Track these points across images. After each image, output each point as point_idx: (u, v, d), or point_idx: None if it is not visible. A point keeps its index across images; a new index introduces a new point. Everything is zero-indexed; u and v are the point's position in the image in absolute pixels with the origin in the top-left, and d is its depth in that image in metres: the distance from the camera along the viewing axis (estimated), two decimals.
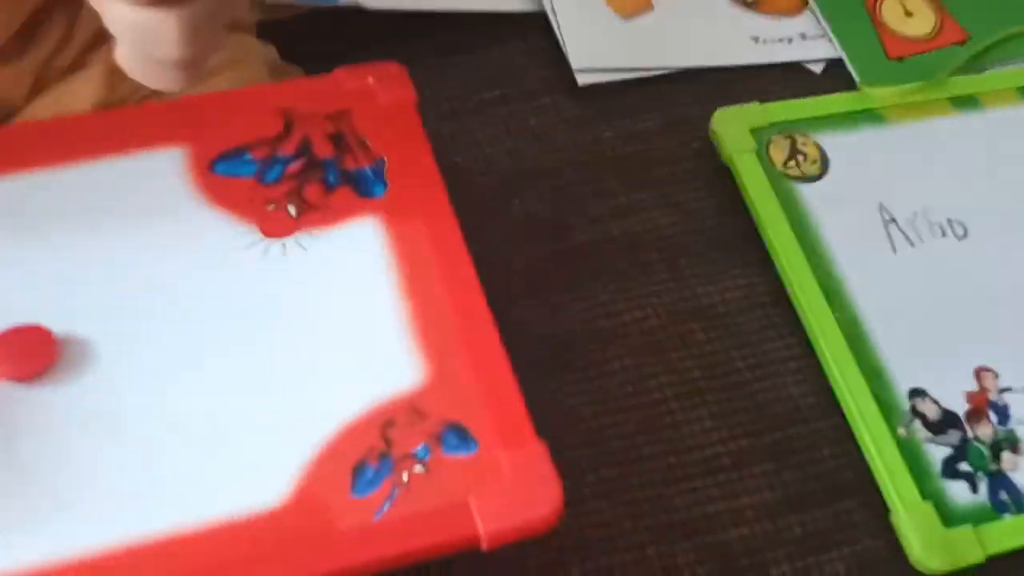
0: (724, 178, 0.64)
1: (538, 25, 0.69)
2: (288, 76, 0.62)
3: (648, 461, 0.55)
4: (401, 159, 0.53)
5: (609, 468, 0.54)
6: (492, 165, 0.64)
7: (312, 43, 0.65)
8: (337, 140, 0.53)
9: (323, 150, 0.53)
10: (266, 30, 0.64)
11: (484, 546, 0.43)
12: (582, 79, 0.66)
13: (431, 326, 0.48)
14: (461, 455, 0.45)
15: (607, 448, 0.55)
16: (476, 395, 0.46)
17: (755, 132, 0.63)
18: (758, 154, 0.63)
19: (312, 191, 0.52)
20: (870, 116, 0.66)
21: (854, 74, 0.70)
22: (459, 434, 0.45)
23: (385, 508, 0.43)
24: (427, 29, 0.67)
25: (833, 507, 0.55)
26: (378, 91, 0.55)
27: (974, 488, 0.55)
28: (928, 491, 0.54)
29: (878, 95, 0.67)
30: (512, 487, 0.44)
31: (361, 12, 0.66)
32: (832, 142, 0.64)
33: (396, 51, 0.66)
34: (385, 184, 0.53)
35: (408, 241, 0.51)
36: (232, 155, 0.52)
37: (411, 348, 0.48)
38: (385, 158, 0.53)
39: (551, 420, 0.54)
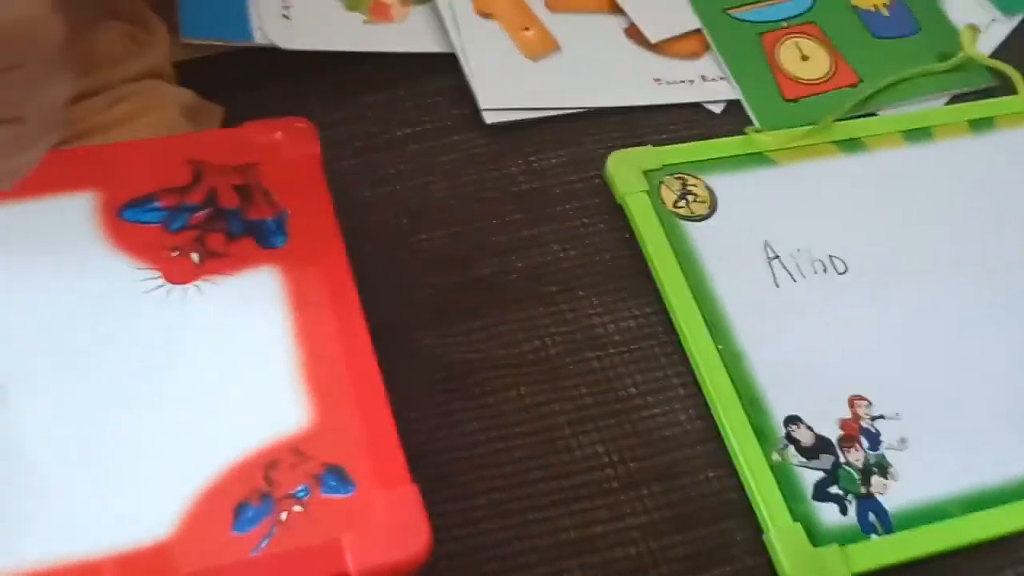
0: (622, 214, 0.67)
1: (449, 65, 0.72)
2: (206, 115, 0.64)
3: (539, 484, 0.58)
4: (303, 212, 0.56)
5: (500, 491, 0.57)
6: (401, 199, 0.67)
7: (231, 80, 0.68)
8: (243, 191, 0.57)
9: (229, 200, 0.56)
10: (185, 69, 0.67)
11: None
12: (489, 118, 0.70)
13: (320, 372, 0.52)
14: (339, 496, 0.48)
15: (499, 472, 0.58)
16: (357, 439, 0.50)
17: (648, 173, 0.67)
18: (649, 194, 0.66)
19: (215, 240, 0.55)
20: (759, 159, 0.70)
21: (751, 114, 0.74)
22: (338, 476, 0.49)
23: (263, 545, 0.46)
24: (343, 67, 0.70)
25: (715, 527, 0.59)
26: (285, 146, 0.59)
27: (843, 510, 0.59)
28: (799, 513, 0.58)
29: (767, 139, 0.71)
30: (384, 527, 0.47)
31: (278, 50, 0.69)
32: (721, 183, 0.68)
33: (311, 89, 0.70)
34: (286, 235, 0.56)
35: (304, 291, 0.54)
36: (141, 202, 0.55)
37: (299, 393, 0.51)
38: (288, 211, 0.57)
39: (447, 444, 0.58)
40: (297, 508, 0.47)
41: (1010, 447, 0.60)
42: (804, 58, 0.78)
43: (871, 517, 0.59)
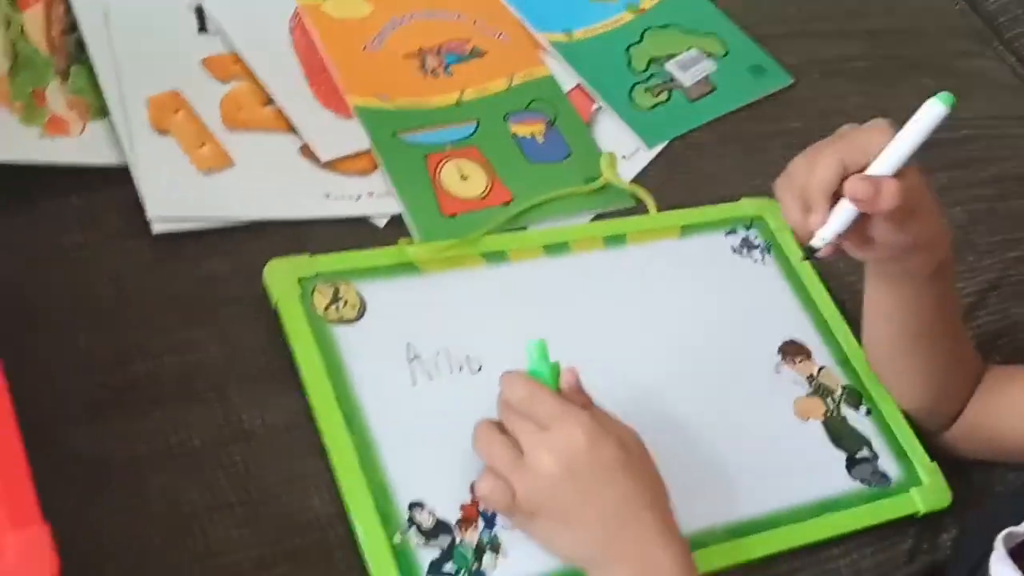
0: (278, 319, 0.73)
1: (124, 178, 0.77)
2: None
3: (171, 570, 0.62)
4: None
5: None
6: (65, 302, 0.71)
7: None
8: None
9: None
10: None
11: None
12: (157, 227, 0.75)
13: None
14: None
15: (133, 561, 0.62)
16: None
17: (303, 281, 0.74)
18: (302, 300, 0.73)
19: None
20: (408, 268, 0.78)
21: (412, 228, 0.81)
22: None
23: None
24: (16, 179, 0.74)
25: None
26: None
27: None
28: None
29: (416, 250, 0.78)
30: (13, 566, 0.50)
31: None
32: (372, 290, 0.75)
33: None
34: None
35: None
36: None
37: None
38: None
39: (84, 537, 0.61)
40: None
41: None
42: (464, 177, 0.86)
43: None
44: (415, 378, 0.73)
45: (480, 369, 0.75)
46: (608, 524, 0.63)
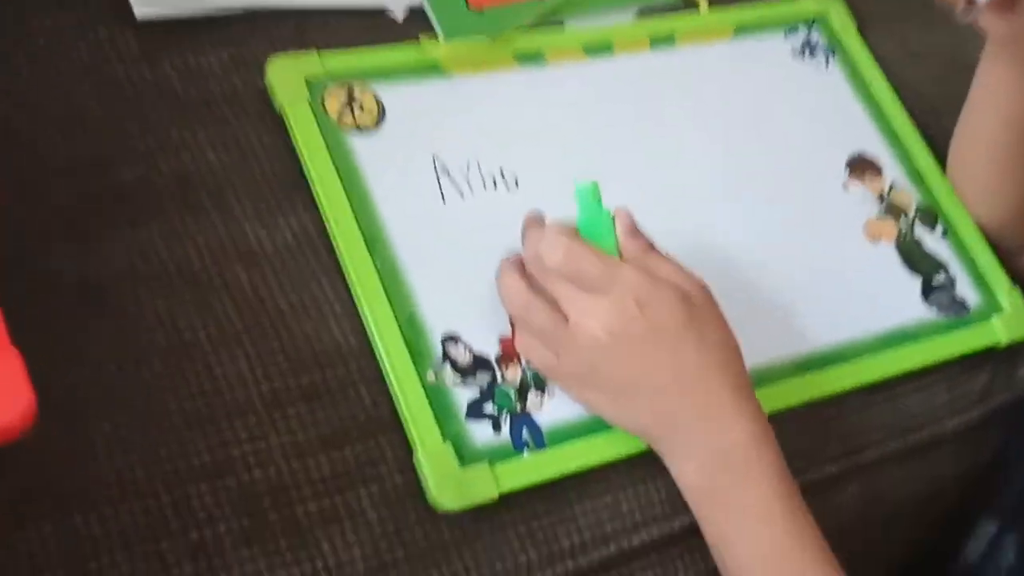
0: (283, 122, 0.63)
1: None
2: None
3: (172, 406, 0.54)
4: None
5: (127, 416, 0.53)
6: (37, 102, 0.60)
7: None
8: None
9: None
10: None
11: None
12: (140, 11, 0.64)
13: None
14: None
15: (127, 395, 0.54)
16: None
17: (311, 82, 0.63)
18: (311, 104, 0.63)
19: None
20: (432, 68, 0.67)
21: (435, 23, 0.71)
22: None
23: None
24: None
25: (363, 446, 0.56)
26: None
27: (497, 428, 0.57)
28: (450, 432, 0.56)
29: (441, 49, 0.68)
30: None
31: None
32: (391, 93, 0.65)
33: None
34: None
35: None
36: None
37: None
38: None
39: (74, 371, 0.52)
40: None
41: None
42: None
43: (524, 434, 0.58)
44: (444, 195, 0.63)
45: (516, 185, 0.65)
46: (668, 394, 0.56)
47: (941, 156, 0.76)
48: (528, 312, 0.57)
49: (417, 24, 0.71)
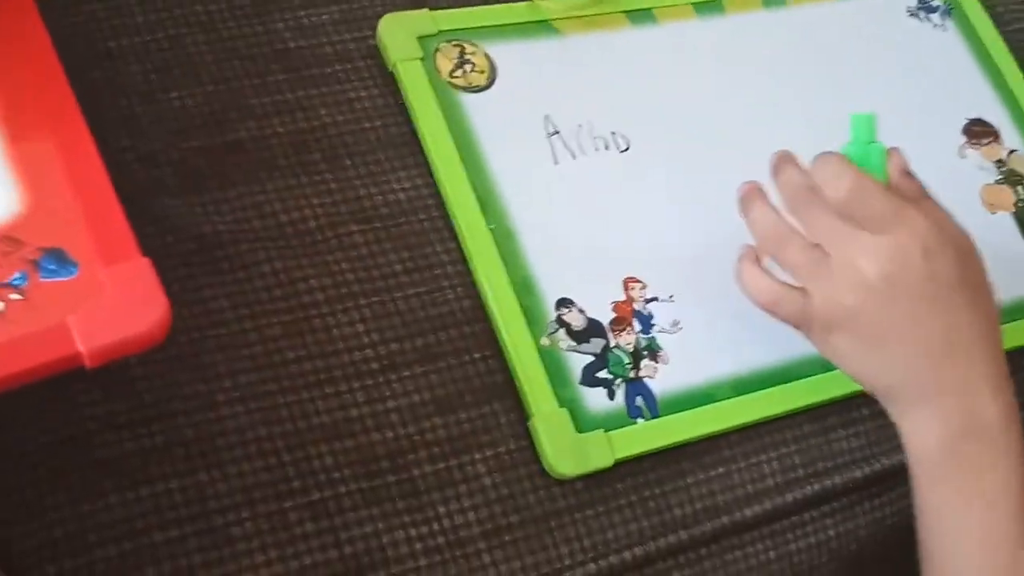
0: (394, 80, 0.63)
1: None
2: None
3: (291, 366, 0.54)
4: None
5: (248, 373, 0.53)
6: (150, 53, 0.60)
7: None
8: None
9: None
10: None
11: (87, 363, 0.42)
12: None
13: (30, 157, 0.46)
14: (61, 279, 0.44)
15: (248, 353, 0.54)
16: (76, 218, 0.45)
17: (422, 40, 0.63)
18: (424, 62, 0.62)
19: None
20: (544, 28, 0.66)
21: None
22: (57, 258, 0.44)
23: None
24: None
25: (478, 411, 0.56)
26: None
27: (611, 395, 0.57)
28: (565, 398, 0.56)
29: (553, 6, 0.67)
30: (113, 304, 0.43)
31: None
32: (502, 52, 0.64)
33: None
34: None
35: (9, 85, 0.48)
36: None
37: (6, 180, 0.46)
38: None
39: (191, 323, 0.53)
40: (15, 296, 0.43)
41: (779, 331, 0.59)
42: None
43: (639, 401, 0.57)
44: (556, 156, 0.63)
45: (627, 148, 0.64)
46: (932, 354, 0.52)
47: None
48: (782, 243, 0.54)
49: None
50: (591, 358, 0.57)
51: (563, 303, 0.58)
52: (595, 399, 0.57)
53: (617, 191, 0.62)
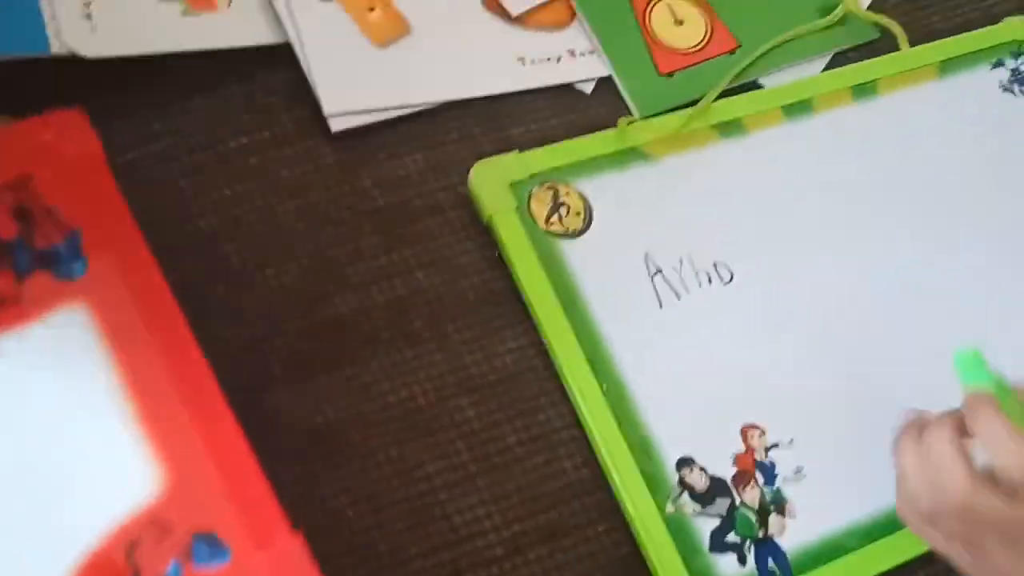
0: (487, 229, 0.61)
1: (285, 58, 0.63)
2: None
3: (419, 560, 0.53)
4: (97, 225, 0.48)
5: (373, 572, 0.52)
6: (241, 228, 0.59)
7: (26, 96, 0.58)
8: (22, 214, 0.47)
9: (6, 230, 0.47)
10: None
11: None
12: (336, 125, 0.62)
13: (163, 425, 0.45)
14: (215, 565, 0.43)
15: (374, 551, 0.53)
16: (221, 495, 0.44)
17: (515, 186, 0.61)
18: (519, 212, 0.60)
19: (2, 282, 0.46)
20: (634, 154, 0.64)
21: (624, 94, 0.68)
22: (209, 543, 0.43)
23: None
24: (161, 70, 0.61)
25: None
26: (60, 146, 0.49)
27: (742, 559, 0.55)
28: (696, 568, 0.55)
29: (642, 132, 0.64)
30: None
31: (80, 60, 0.59)
32: (596, 188, 0.62)
33: (126, 99, 0.60)
34: (84, 260, 0.47)
35: (122, 328, 0.46)
36: None
37: (144, 454, 0.44)
38: (79, 227, 0.48)
39: (309, 523, 0.51)
40: None
41: None
42: (678, 22, 0.71)
43: (770, 563, 0.56)
44: (660, 298, 0.61)
45: (731, 279, 0.62)
46: None
47: None
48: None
49: (606, 95, 0.68)
50: (718, 520, 0.56)
51: (683, 463, 0.57)
52: (726, 566, 0.55)
53: (725, 330, 0.61)
